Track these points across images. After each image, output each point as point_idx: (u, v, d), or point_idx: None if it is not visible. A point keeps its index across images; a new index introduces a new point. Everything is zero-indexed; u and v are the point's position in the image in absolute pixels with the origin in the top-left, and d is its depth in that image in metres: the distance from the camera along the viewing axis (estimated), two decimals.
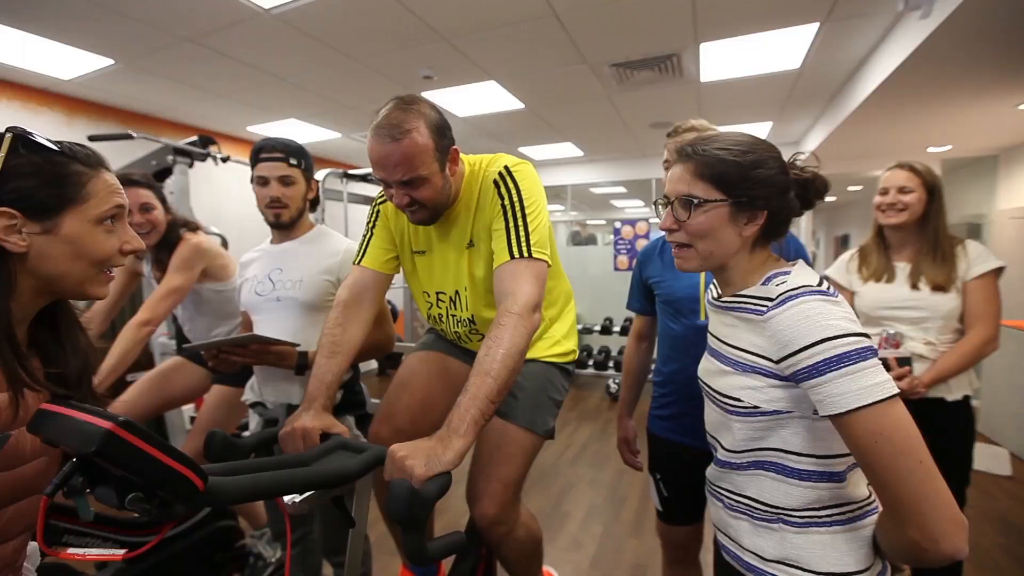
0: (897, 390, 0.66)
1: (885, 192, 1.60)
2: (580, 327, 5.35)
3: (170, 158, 2.75)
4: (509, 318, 0.95)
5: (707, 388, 0.87)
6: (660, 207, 0.86)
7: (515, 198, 1.09)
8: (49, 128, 3.30)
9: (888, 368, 1.49)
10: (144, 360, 3.06)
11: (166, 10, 2.30)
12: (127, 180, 1.71)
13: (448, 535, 0.79)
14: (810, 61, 3.01)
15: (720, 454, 0.86)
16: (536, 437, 1.22)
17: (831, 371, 0.66)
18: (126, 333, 1.57)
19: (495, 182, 1.11)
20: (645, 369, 1.62)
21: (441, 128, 1.06)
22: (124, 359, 1.54)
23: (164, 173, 2.82)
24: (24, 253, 0.68)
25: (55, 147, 0.70)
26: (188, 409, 2.90)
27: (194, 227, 1.86)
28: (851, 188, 7.27)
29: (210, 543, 1.75)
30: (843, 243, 9.43)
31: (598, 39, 2.71)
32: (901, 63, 2.52)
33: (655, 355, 1.52)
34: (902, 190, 1.56)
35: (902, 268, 1.59)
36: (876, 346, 1.57)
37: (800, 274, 0.78)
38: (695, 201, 0.78)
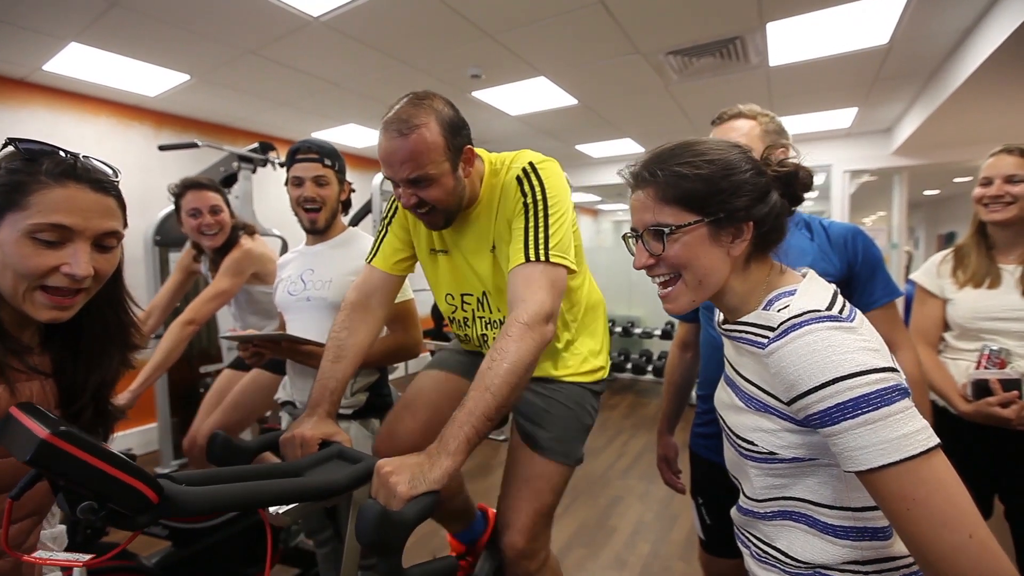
0: (936, 441, 0.51)
1: (988, 182, 1.35)
2: (639, 331, 5.13)
3: (235, 164, 2.92)
4: (516, 328, 0.87)
5: (723, 423, 0.74)
6: (630, 242, 0.74)
7: (538, 196, 1.00)
8: (139, 140, 3.64)
9: (991, 392, 1.25)
10: (215, 352, 3.30)
11: (226, 25, 2.43)
12: (197, 184, 1.83)
13: (437, 560, 0.74)
14: (901, 34, 2.65)
15: (742, 500, 0.73)
16: (567, 469, 1.14)
17: (846, 419, 0.53)
18: (171, 331, 1.67)
19: (518, 178, 1.03)
20: (689, 381, 1.48)
21: (454, 126, 0.99)
22: (169, 356, 1.64)
23: (232, 179, 3.00)
24: None
25: (28, 156, 0.69)
26: None
27: (251, 231, 1.95)
28: (957, 180, 6.44)
29: (251, 534, 1.82)
30: (947, 241, 8.42)
31: (650, 26, 2.54)
32: (1017, 29, 2.14)
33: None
34: (1010, 179, 1.31)
35: (1011, 271, 1.33)
36: (975, 364, 1.34)
37: (807, 293, 0.64)
38: (667, 230, 0.66)
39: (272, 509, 0.75)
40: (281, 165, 3.06)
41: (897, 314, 1.17)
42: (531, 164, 1.04)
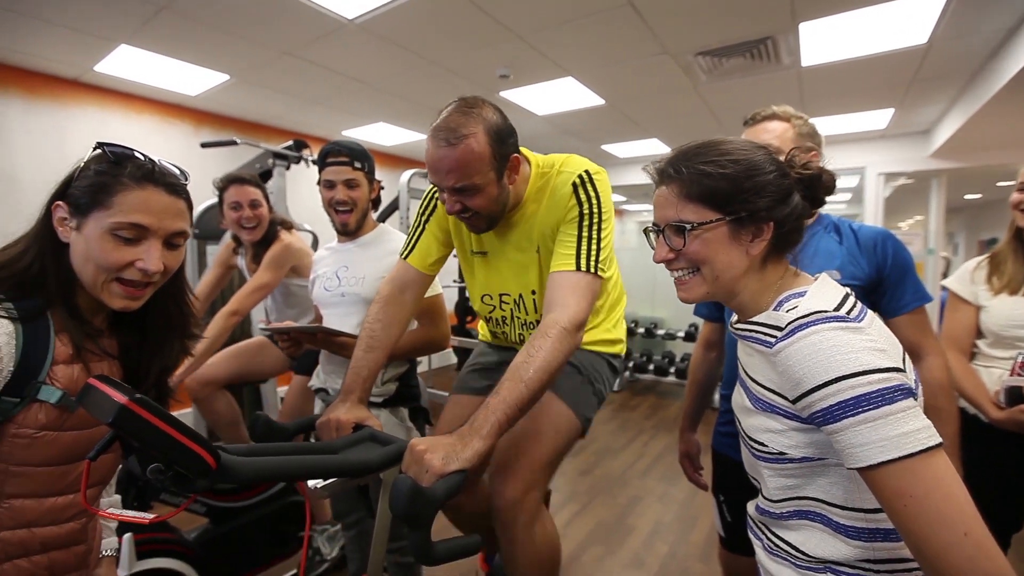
0: (938, 440, 0.53)
1: None
2: (662, 332, 5.11)
3: (270, 161, 3.03)
4: (556, 331, 0.91)
5: (738, 425, 0.76)
6: (651, 236, 0.76)
7: (594, 208, 1.05)
8: (180, 137, 3.80)
9: None
10: None
11: (266, 26, 2.53)
12: (238, 179, 1.91)
13: (463, 537, 0.77)
14: (941, 34, 2.58)
15: (760, 501, 0.75)
16: (575, 420, 1.16)
17: (847, 416, 0.54)
18: (216, 321, 1.76)
19: (574, 185, 1.06)
20: (712, 380, 1.49)
21: (502, 135, 1.02)
22: (213, 343, 1.74)
23: (267, 175, 3.11)
24: (68, 244, 0.77)
25: (114, 159, 0.76)
26: (281, 390, 3.18)
27: (289, 226, 2.04)
28: (1001, 184, 6.19)
29: (282, 517, 1.90)
30: (988, 247, 8.06)
31: (679, 27, 2.53)
32: None
33: None
34: None
35: None
36: (1009, 372, 1.31)
37: (817, 295, 0.65)
38: (688, 227, 0.68)
39: (311, 483, 0.80)
40: (314, 162, 3.17)
41: (927, 319, 1.15)
42: (587, 173, 1.07)
